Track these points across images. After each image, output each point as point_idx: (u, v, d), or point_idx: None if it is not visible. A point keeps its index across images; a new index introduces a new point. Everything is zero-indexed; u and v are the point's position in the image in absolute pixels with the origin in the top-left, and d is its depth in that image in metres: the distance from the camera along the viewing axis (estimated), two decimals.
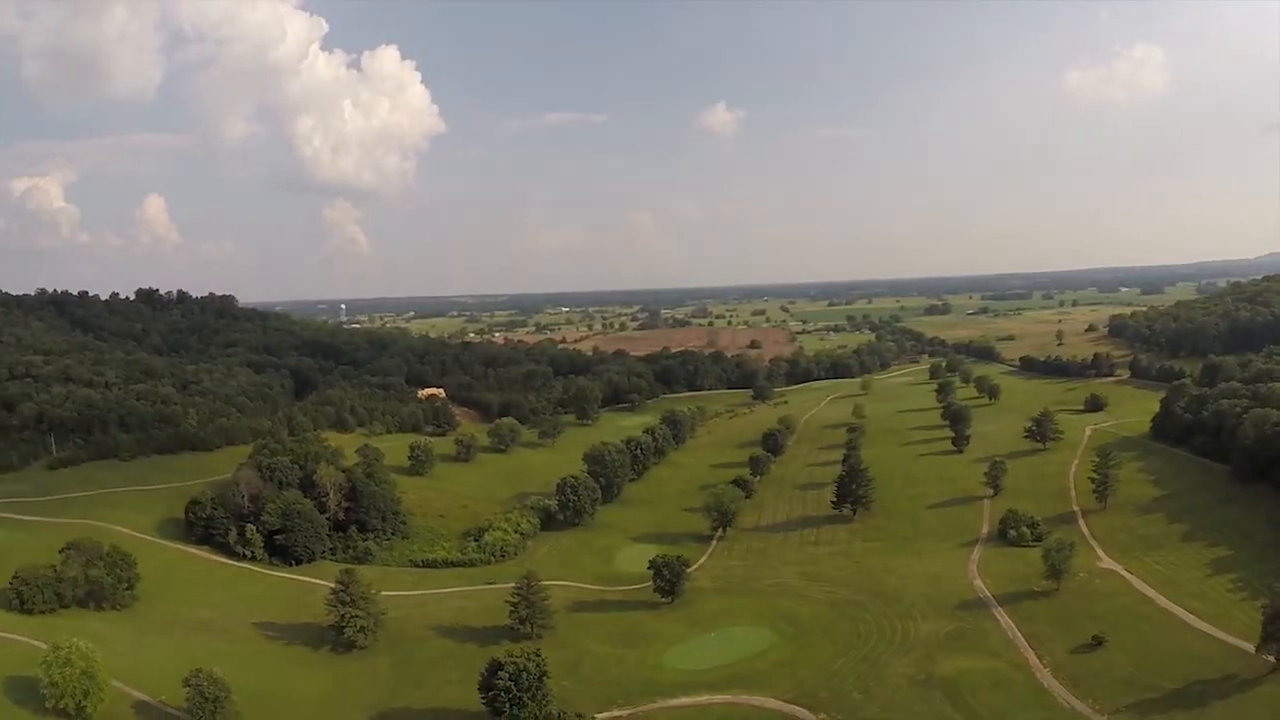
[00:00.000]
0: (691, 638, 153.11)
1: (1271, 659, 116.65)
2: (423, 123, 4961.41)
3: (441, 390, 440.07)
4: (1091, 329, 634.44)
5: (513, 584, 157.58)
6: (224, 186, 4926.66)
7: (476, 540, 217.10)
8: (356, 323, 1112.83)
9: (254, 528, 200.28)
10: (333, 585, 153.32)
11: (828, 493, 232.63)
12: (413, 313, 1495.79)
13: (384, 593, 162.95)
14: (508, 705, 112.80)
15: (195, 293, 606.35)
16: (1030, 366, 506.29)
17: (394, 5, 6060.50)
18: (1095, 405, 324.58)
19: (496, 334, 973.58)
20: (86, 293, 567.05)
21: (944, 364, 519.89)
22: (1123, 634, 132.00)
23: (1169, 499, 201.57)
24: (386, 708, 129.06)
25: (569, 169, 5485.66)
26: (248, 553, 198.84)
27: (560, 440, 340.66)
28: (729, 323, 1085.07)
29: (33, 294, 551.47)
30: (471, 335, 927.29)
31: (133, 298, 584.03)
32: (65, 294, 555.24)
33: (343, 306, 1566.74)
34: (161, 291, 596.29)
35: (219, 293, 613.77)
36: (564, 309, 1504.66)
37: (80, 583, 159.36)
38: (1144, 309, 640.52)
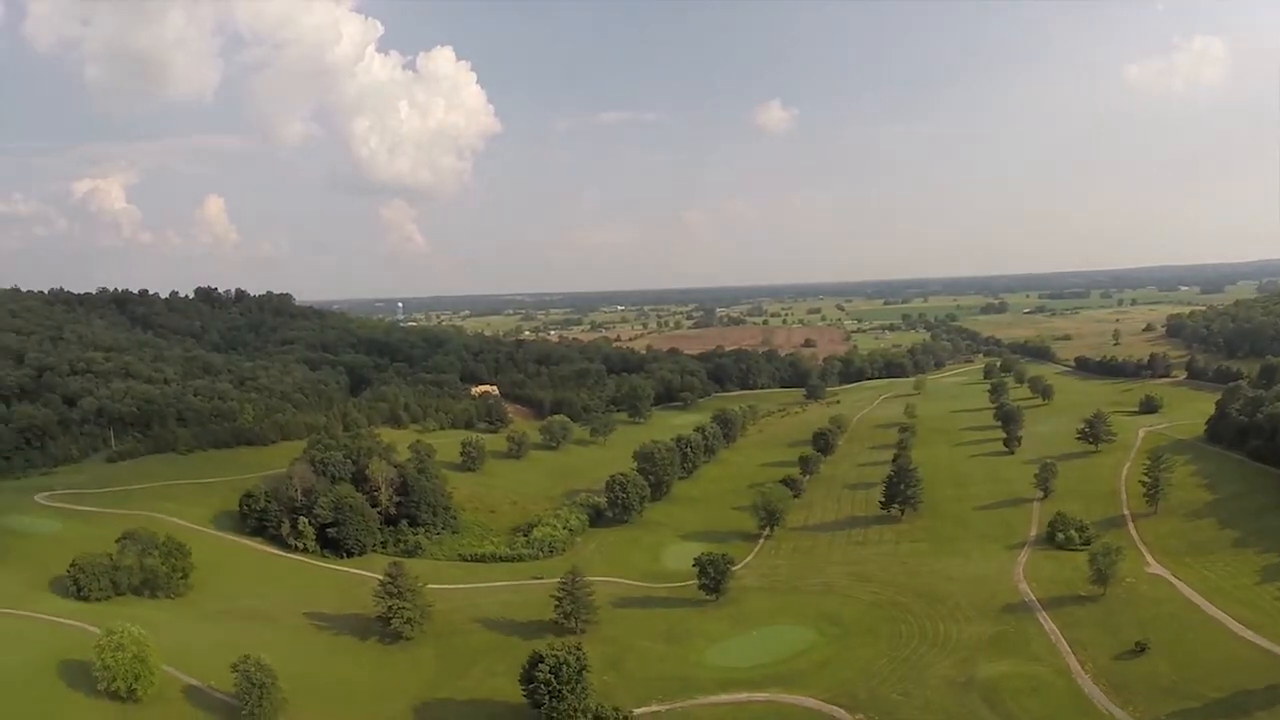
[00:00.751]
0: (734, 636, 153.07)
1: None
2: (479, 122, 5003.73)
3: (494, 387, 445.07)
4: (1149, 329, 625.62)
5: (559, 579, 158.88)
6: (282, 187, 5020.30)
7: (525, 536, 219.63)
8: (413, 321, 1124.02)
9: (306, 520, 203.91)
10: (381, 578, 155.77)
11: (876, 493, 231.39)
12: (468, 311, 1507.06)
13: (432, 586, 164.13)
14: (547, 698, 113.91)
15: (254, 291, 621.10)
16: (1085, 367, 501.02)
17: (448, 6, 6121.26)
18: (1150, 407, 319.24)
19: (551, 332, 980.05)
20: (147, 291, 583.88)
21: (998, 364, 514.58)
22: (1167, 641, 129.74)
23: (1221, 504, 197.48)
24: (430, 698, 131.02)
25: (622, 167, 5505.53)
26: (300, 545, 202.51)
27: (612, 438, 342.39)
28: (784, 321, 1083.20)
29: (94, 292, 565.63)
30: (526, 333, 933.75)
31: (192, 296, 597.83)
32: (126, 292, 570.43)
33: (400, 305, 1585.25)
34: (220, 290, 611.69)
35: (277, 291, 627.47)
36: (619, 307, 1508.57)
37: (135, 571, 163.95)
38: (1202, 308, 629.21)
